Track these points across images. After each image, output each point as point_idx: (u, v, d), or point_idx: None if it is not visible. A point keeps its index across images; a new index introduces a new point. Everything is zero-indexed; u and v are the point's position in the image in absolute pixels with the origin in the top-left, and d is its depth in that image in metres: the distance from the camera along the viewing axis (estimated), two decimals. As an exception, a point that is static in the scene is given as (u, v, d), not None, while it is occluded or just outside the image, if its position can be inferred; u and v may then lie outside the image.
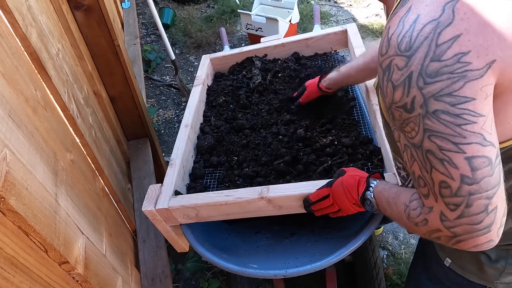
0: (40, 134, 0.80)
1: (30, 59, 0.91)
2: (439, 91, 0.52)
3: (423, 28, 0.52)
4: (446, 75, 0.51)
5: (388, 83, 0.57)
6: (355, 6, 3.84)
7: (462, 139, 0.52)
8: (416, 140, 0.57)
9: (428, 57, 0.52)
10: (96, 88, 1.49)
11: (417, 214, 0.63)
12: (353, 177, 0.86)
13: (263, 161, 1.17)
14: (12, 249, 0.59)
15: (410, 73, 0.53)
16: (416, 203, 0.64)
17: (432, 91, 0.52)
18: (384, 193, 0.77)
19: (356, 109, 1.27)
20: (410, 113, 0.56)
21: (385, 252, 1.84)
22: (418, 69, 0.53)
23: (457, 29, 0.50)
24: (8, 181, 0.59)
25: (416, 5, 0.55)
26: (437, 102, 0.52)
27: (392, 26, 0.57)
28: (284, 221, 1.16)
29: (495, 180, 0.54)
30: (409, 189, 0.71)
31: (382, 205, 0.77)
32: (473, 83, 0.51)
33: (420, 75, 0.53)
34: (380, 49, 0.59)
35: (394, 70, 0.56)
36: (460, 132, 0.52)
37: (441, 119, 0.53)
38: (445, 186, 0.55)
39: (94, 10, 1.40)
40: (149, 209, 1.01)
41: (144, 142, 1.84)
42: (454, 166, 0.53)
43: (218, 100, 1.47)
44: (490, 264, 0.75)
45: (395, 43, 0.55)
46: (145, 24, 3.85)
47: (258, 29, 3.06)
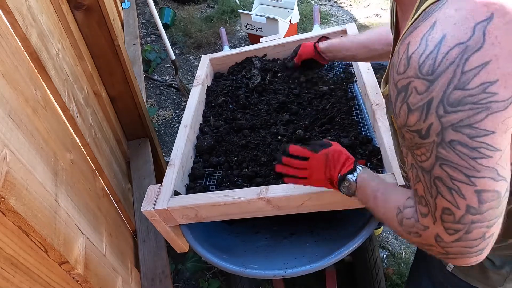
0: (40, 134, 0.81)
1: (30, 59, 0.91)
2: (459, 122, 0.48)
3: (449, 52, 0.47)
4: (468, 105, 0.47)
5: (403, 105, 0.53)
6: (355, 6, 3.84)
7: (475, 172, 0.50)
8: (426, 165, 0.55)
9: (451, 84, 0.48)
10: (96, 88, 1.49)
11: (411, 225, 0.62)
12: (341, 154, 0.83)
13: (262, 161, 1.17)
14: (12, 249, 0.59)
15: (430, 99, 0.50)
16: (410, 213, 0.63)
17: (452, 121, 0.49)
18: (371, 183, 0.75)
19: (356, 109, 1.27)
20: (423, 139, 0.53)
21: (385, 252, 1.84)
22: (440, 96, 0.49)
23: (487, 55, 0.46)
24: (8, 181, 0.59)
25: (442, 21, 0.49)
26: (454, 133, 0.49)
27: (414, 43, 0.51)
28: (284, 221, 1.16)
29: (499, 211, 0.53)
30: (401, 190, 0.69)
31: (365, 195, 0.76)
32: (495, 115, 0.47)
33: (441, 103, 0.49)
34: (396, 67, 0.54)
35: (412, 93, 0.51)
36: (474, 165, 0.50)
37: (457, 150, 0.50)
38: (449, 213, 0.54)
39: (94, 10, 1.40)
40: (148, 209, 1.01)
41: (144, 142, 1.84)
42: (462, 196, 0.52)
43: (218, 100, 1.47)
44: (494, 270, 0.74)
45: (416, 64, 0.50)
46: (145, 24, 3.85)
47: (258, 29, 3.06)
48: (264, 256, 1.06)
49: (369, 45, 1.10)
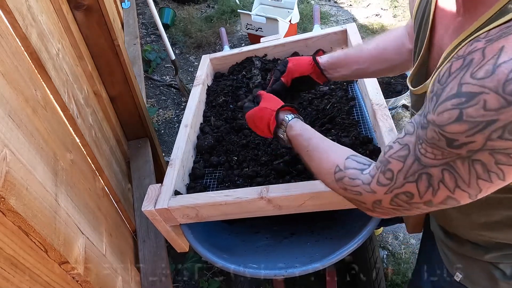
0: (40, 134, 0.81)
1: (30, 59, 0.91)
2: (503, 149, 0.45)
3: None
4: None
5: (454, 110, 0.46)
6: (355, 6, 3.84)
7: (465, 186, 0.51)
8: (426, 161, 0.53)
9: None
10: (96, 88, 1.49)
11: (354, 184, 0.65)
12: (262, 111, 0.88)
13: (263, 161, 1.17)
14: (12, 249, 0.59)
15: (493, 120, 0.44)
16: (355, 174, 0.66)
17: (497, 146, 0.45)
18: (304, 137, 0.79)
19: (356, 109, 1.27)
20: (449, 148, 0.49)
21: (385, 252, 1.84)
22: (507, 121, 0.43)
23: None
24: (8, 181, 0.59)
25: None
26: (487, 156, 0.46)
27: (508, 52, 0.43)
28: (284, 221, 1.16)
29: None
30: (340, 148, 0.73)
31: (299, 149, 0.80)
32: None
33: (502, 128, 0.43)
34: (474, 68, 0.46)
35: (477, 104, 0.44)
36: (472, 182, 0.50)
37: (473, 167, 0.48)
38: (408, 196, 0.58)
39: (94, 10, 1.40)
40: (149, 209, 1.01)
41: (144, 142, 1.84)
42: (433, 194, 0.55)
43: (218, 100, 1.47)
44: (505, 280, 0.73)
45: (504, 78, 0.42)
46: (145, 24, 3.85)
47: (258, 29, 3.06)
48: (264, 255, 1.06)
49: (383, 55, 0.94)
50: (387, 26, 3.44)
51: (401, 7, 3.69)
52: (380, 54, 0.94)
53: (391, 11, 3.65)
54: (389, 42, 0.95)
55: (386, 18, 3.58)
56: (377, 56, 0.95)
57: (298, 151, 0.81)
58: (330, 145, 0.75)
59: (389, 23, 3.49)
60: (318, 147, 0.75)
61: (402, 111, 2.60)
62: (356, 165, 0.67)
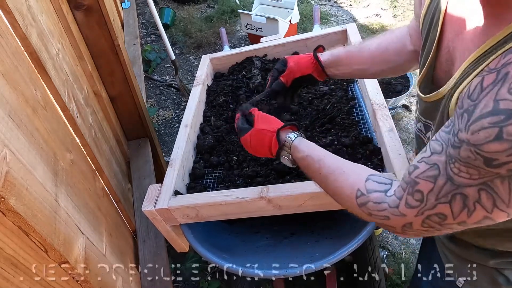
0: (40, 134, 0.81)
1: (30, 59, 0.91)
2: None
3: None
4: None
5: (493, 128, 0.44)
6: (355, 6, 3.84)
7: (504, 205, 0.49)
8: (461, 181, 0.50)
9: None
10: (96, 88, 1.49)
11: (380, 208, 0.61)
12: (260, 133, 0.80)
13: (263, 160, 1.17)
14: (12, 249, 0.59)
15: None
16: (380, 198, 0.62)
17: None
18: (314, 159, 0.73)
19: (356, 109, 1.27)
20: (487, 167, 0.46)
21: (385, 252, 1.84)
22: None
23: None
24: (8, 181, 0.59)
25: None
26: None
27: None
28: (284, 221, 1.16)
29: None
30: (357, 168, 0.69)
31: (309, 172, 0.74)
32: None
33: None
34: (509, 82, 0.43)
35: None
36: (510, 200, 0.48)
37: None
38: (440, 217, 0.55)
39: (94, 10, 1.40)
40: (149, 209, 1.01)
41: (144, 142, 1.84)
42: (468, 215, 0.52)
43: (218, 100, 1.47)
44: (508, 286, 0.73)
45: None
46: (145, 24, 3.85)
47: (258, 29, 3.06)
48: (264, 255, 1.06)
49: (384, 56, 0.92)
50: (387, 26, 3.44)
51: (401, 7, 3.69)
52: (381, 55, 0.93)
53: (391, 11, 3.66)
54: (391, 43, 0.93)
55: (386, 18, 3.58)
56: (378, 57, 0.94)
57: (307, 174, 0.76)
58: (345, 166, 0.70)
59: (389, 23, 3.49)
60: (331, 170, 0.70)
61: (402, 111, 2.60)
62: (378, 187, 0.63)
